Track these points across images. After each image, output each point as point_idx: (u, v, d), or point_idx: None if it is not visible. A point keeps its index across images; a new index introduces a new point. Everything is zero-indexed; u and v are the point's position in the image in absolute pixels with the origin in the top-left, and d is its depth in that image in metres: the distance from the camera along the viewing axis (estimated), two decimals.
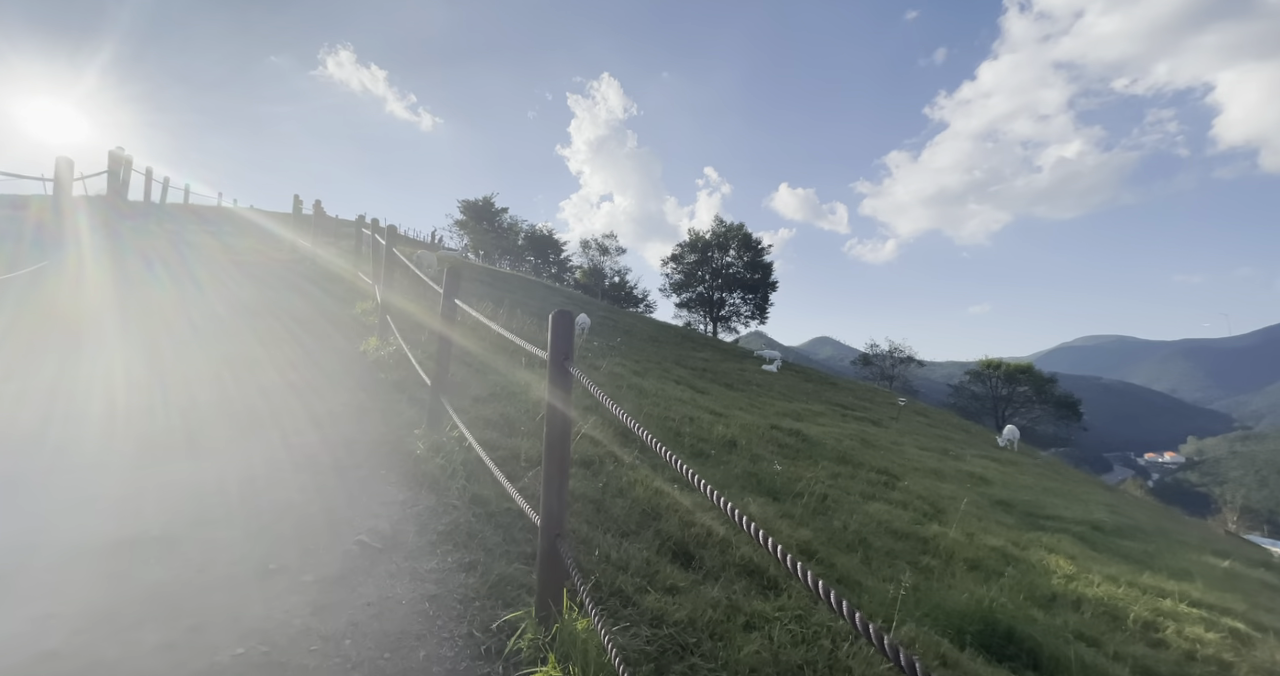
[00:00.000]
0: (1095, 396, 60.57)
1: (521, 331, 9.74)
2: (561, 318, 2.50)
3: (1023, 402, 47.35)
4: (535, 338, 10.20)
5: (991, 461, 13.44)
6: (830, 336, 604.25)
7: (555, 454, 2.42)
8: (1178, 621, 3.95)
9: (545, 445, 2.47)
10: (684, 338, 29.64)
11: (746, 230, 46.13)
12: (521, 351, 8.83)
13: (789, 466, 6.57)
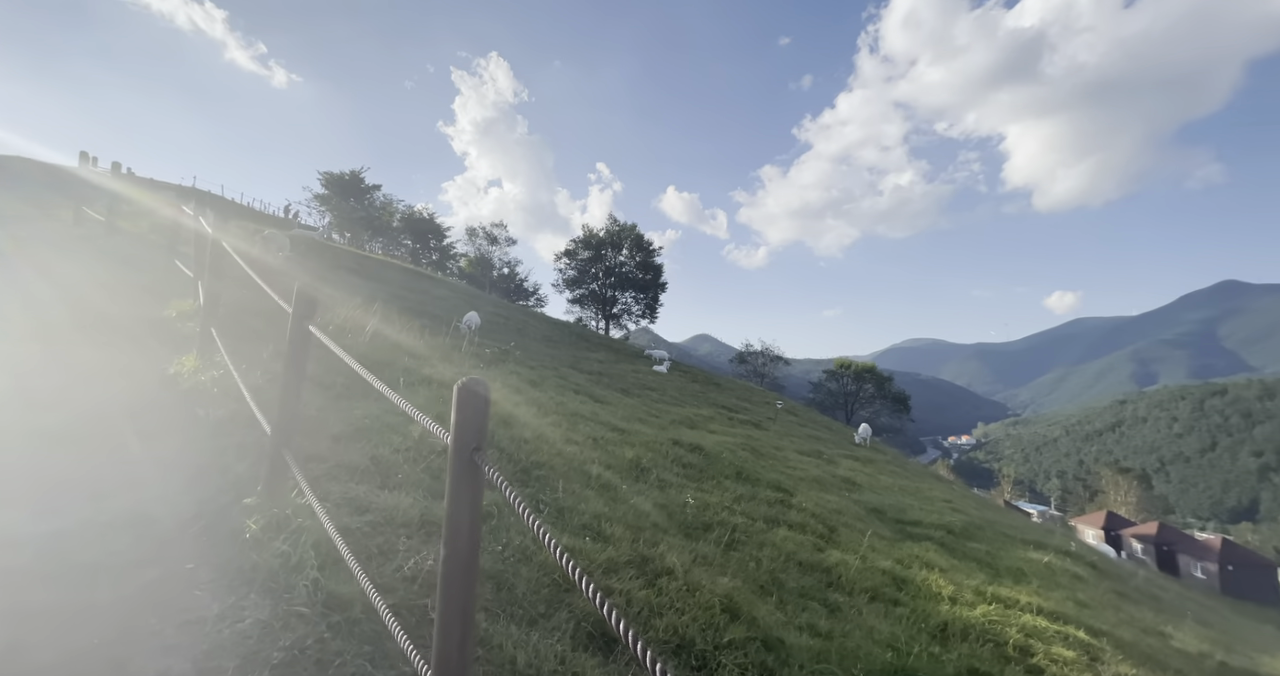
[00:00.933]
0: (916, 390, 72.13)
1: (401, 342, 8.46)
2: (470, 397, 1.79)
3: (867, 398, 53.84)
4: (416, 348, 8.91)
5: (855, 461, 14.67)
6: (710, 334, 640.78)
7: (456, 588, 1.69)
8: (1043, 641, 4.29)
9: (442, 573, 1.73)
10: (578, 337, 28.94)
11: (639, 231, 46.52)
12: (398, 361, 7.59)
13: (696, 492, 6.30)
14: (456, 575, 1.69)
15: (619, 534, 4.37)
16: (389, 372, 6.85)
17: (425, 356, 8.94)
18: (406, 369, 7.40)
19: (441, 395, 6.68)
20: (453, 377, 7.63)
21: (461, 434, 1.77)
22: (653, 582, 3.80)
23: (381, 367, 6.95)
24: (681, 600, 3.65)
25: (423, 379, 7.10)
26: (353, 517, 3.44)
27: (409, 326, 11.31)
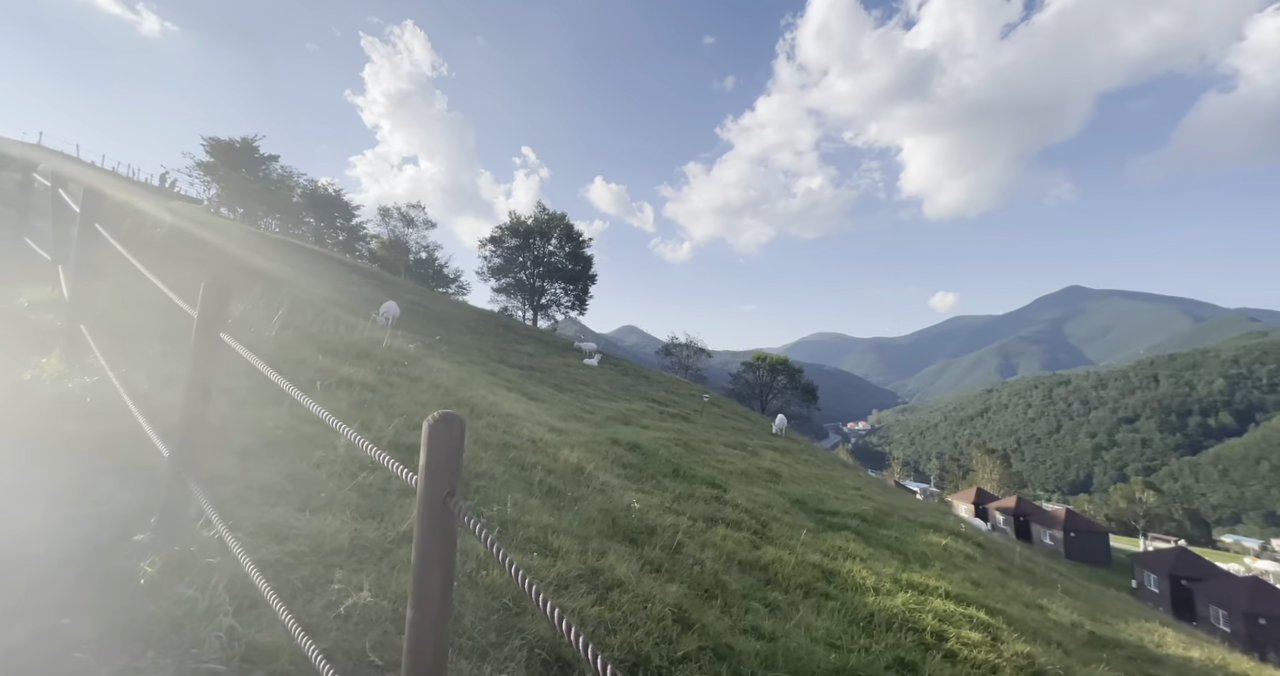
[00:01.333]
0: (820, 380, 78.37)
1: (313, 337, 7.69)
2: (443, 433, 1.57)
3: (780, 389, 56.97)
4: (330, 342, 8.11)
5: (775, 451, 15.43)
6: (636, 325, 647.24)
7: (426, 659, 1.48)
8: (953, 625, 4.73)
9: (409, 640, 1.50)
10: (504, 328, 27.94)
11: (569, 221, 45.58)
12: (311, 359, 6.86)
13: (638, 494, 6.29)
14: (427, 644, 1.49)
15: (567, 546, 4.24)
16: (303, 374, 6.19)
17: (341, 353, 8.18)
18: (322, 369, 6.73)
19: (364, 398, 6.15)
20: (376, 379, 7.07)
21: (434, 477, 1.56)
22: (604, 597, 3.72)
23: (294, 368, 6.28)
24: (634, 613, 3.61)
25: (341, 380, 6.49)
26: (271, 548, 3.03)
27: (320, 317, 10.32)
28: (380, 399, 6.36)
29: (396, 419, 5.76)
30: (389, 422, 5.52)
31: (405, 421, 5.74)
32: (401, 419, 5.78)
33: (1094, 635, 5.61)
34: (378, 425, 5.32)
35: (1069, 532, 50.77)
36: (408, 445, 5.15)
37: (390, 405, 6.21)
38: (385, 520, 3.83)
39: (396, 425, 5.47)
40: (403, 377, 8.08)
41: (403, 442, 5.16)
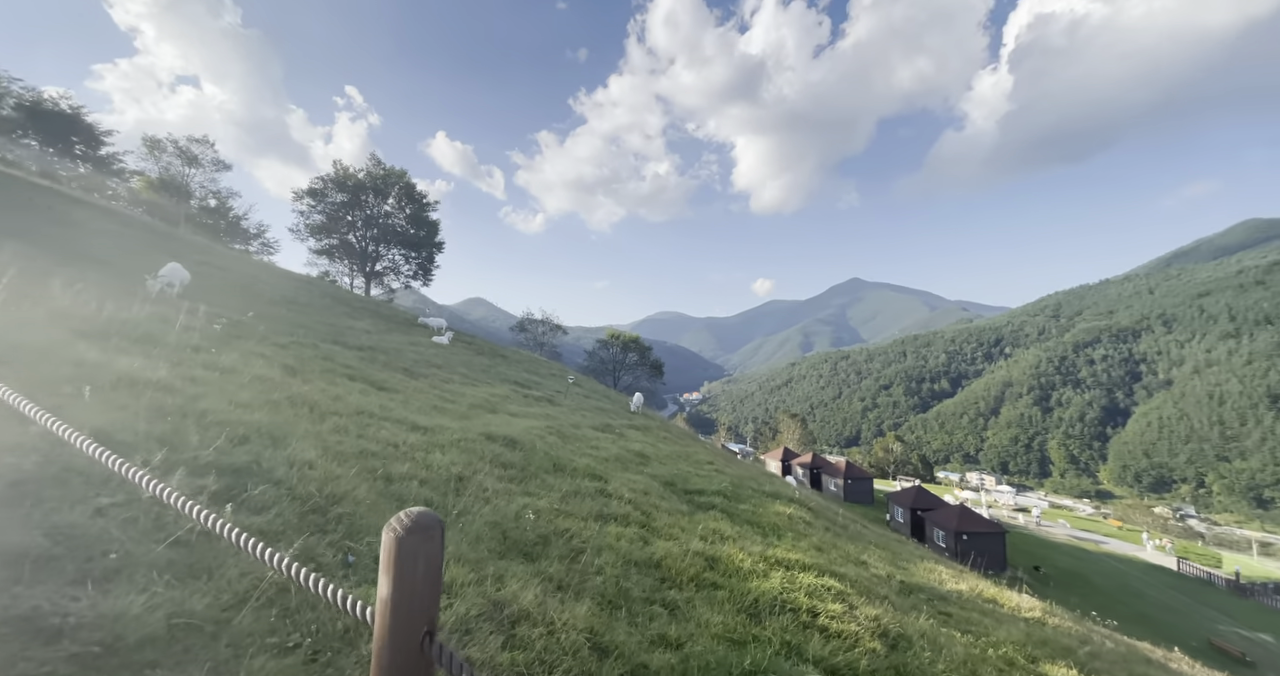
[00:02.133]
0: (663, 355, 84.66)
1: (62, 311, 5.65)
2: (417, 546, 1.08)
3: (631, 365, 59.35)
4: (93, 321, 5.97)
5: (637, 431, 15.93)
6: (484, 298, 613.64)
7: None
8: (819, 600, 5.31)
9: None
10: (333, 299, 23.97)
11: (410, 179, 40.28)
12: (65, 347, 4.94)
13: (524, 497, 5.84)
14: None
15: (461, 577, 3.70)
16: (54, 368, 4.43)
17: (113, 336, 6.10)
18: (83, 361, 4.92)
19: (161, 404, 4.64)
20: (173, 375, 5.42)
21: (405, 612, 1.08)
22: (512, 636, 3.33)
23: (36, 363, 4.47)
24: (548, 650, 3.29)
25: (121, 378, 4.81)
26: (37, 652, 2.04)
27: (67, 280, 7.59)
28: (184, 403, 4.86)
29: (213, 430, 4.44)
30: (204, 437, 4.22)
31: (227, 433, 4.46)
32: (220, 430, 4.47)
33: (903, 583, 6.89)
34: (192, 444, 4.02)
35: (847, 480, 62.24)
36: (236, 467, 4.00)
37: (201, 412, 4.78)
38: (216, 578, 2.91)
39: (216, 440, 4.21)
40: (210, 370, 6.33)
41: (229, 464, 3.99)
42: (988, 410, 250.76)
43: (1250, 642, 30.74)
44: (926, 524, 47.15)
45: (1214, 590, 42.23)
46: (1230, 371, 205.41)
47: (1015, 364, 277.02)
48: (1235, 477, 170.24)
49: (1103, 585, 40.16)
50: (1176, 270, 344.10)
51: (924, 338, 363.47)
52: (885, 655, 4.21)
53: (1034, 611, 7.04)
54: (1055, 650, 5.46)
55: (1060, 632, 6.34)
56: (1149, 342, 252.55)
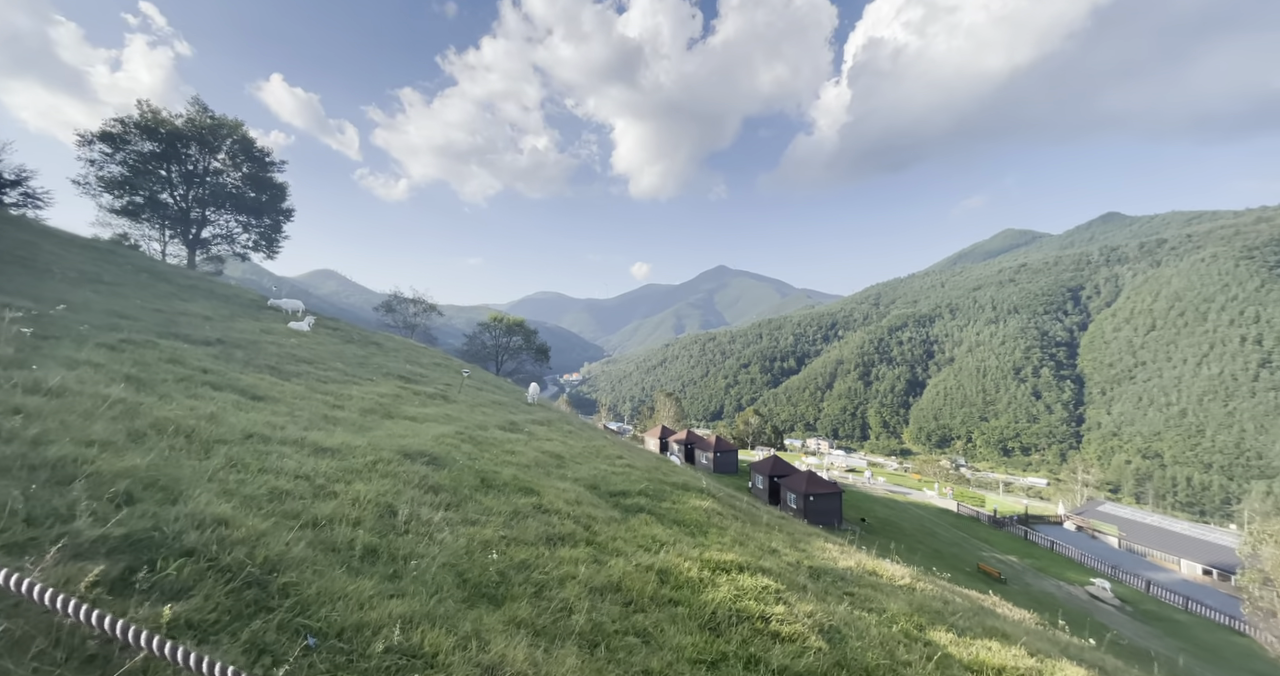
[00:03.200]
0: (544, 337, 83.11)
1: None
2: None
3: (516, 350, 57.22)
4: None
5: (542, 426, 15.50)
6: (334, 270, 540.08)
7: None
8: (763, 603, 5.71)
9: None
10: (150, 275, 19.32)
11: (248, 132, 33.39)
12: None
13: (465, 526, 5.37)
14: None
15: (442, 643, 3.33)
16: None
17: None
18: None
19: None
20: None
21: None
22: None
23: None
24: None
25: None
26: None
27: None
28: (24, 451, 3.61)
29: (81, 487, 3.36)
30: (72, 500, 3.18)
31: (100, 490, 3.41)
32: (90, 486, 3.40)
33: (811, 568, 7.74)
34: (59, 512, 3.00)
35: (716, 453, 67.56)
36: (133, 539, 3.08)
37: (52, 462, 3.58)
38: None
39: (90, 502, 3.19)
40: (36, 394, 4.77)
41: (122, 536, 3.05)
42: (824, 384, 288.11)
43: (1003, 564, 40.07)
44: (781, 488, 53.25)
45: (980, 525, 54.21)
46: (991, 350, 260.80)
47: (846, 344, 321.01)
48: (990, 433, 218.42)
49: (909, 529, 49.18)
50: (959, 268, 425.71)
51: (777, 321, 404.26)
52: (829, 652, 4.71)
53: (905, 579, 8.43)
54: (931, 615, 6.62)
55: (928, 596, 7.72)
56: (940, 327, 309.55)
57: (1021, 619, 9.50)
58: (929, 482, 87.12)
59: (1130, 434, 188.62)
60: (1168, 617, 34.43)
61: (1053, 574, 40.64)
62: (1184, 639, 31.05)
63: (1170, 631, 32.06)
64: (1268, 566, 16.00)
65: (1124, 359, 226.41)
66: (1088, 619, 29.53)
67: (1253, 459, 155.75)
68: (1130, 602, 36.17)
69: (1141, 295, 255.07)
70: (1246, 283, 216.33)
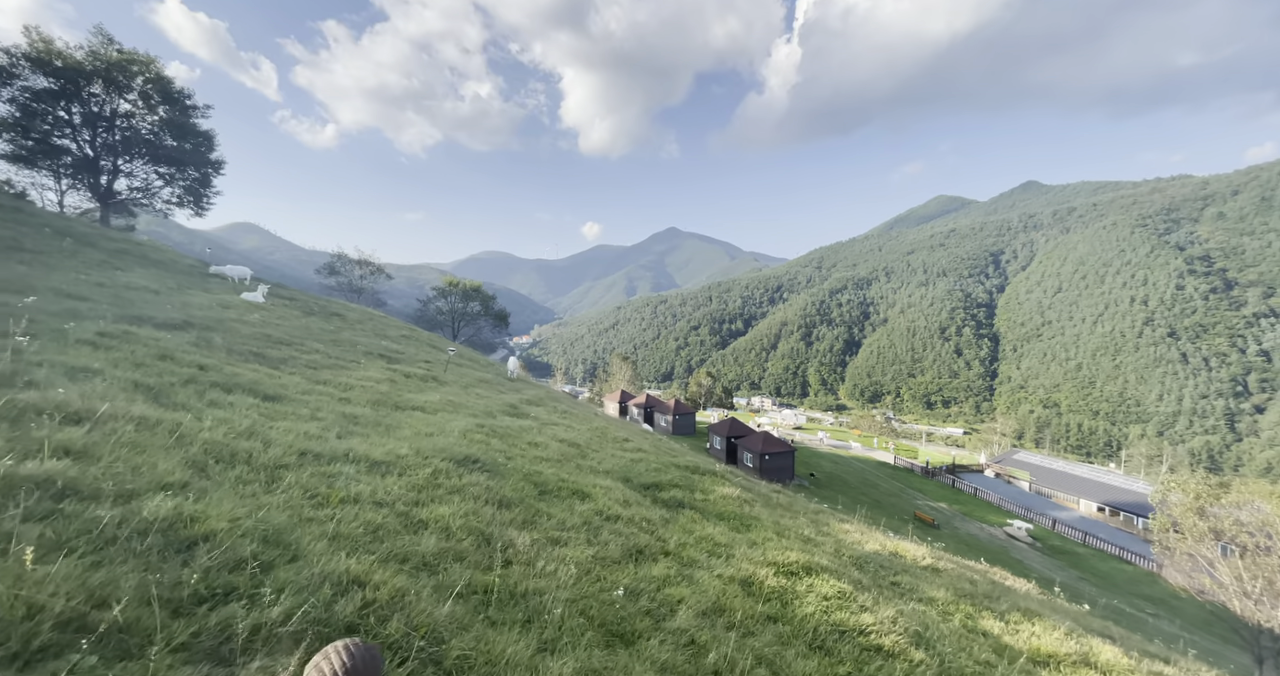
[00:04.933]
0: None
1: None
2: None
3: (473, 316, 55.05)
4: None
5: (539, 408, 15.12)
6: (255, 223, 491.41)
7: None
8: (847, 610, 5.80)
9: None
10: (74, 240, 16.69)
11: (163, 71, 28.62)
12: None
13: (553, 547, 5.14)
14: None
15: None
16: None
17: None
18: None
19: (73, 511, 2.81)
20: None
21: None
22: None
23: None
24: None
25: None
26: None
27: None
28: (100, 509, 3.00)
29: (143, 543, 2.86)
30: (175, 561, 2.69)
31: (162, 547, 2.92)
32: (150, 541, 2.90)
33: (853, 558, 8.12)
34: (184, 580, 2.53)
35: (675, 416, 69.27)
36: (324, 618, 2.66)
37: (145, 520, 3.01)
38: None
39: (209, 563, 2.72)
40: (68, 421, 3.97)
41: (288, 610, 2.63)
42: (769, 345, 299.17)
43: (936, 511, 44.30)
44: (738, 449, 55.64)
45: (914, 475, 59.42)
46: (920, 311, 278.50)
47: (790, 306, 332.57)
48: (916, 389, 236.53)
49: (852, 482, 53.18)
50: (895, 233, 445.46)
51: (726, 284, 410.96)
52: (930, 662, 4.92)
53: (926, 559, 9.06)
54: (971, 601, 7.15)
55: (955, 577, 8.35)
56: (876, 289, 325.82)
57: (1026, 590, 10.51)
58: (867, 437, 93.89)
59: (1035, 386, 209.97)
60: (1070, 551, 39.70)
61: (977, 517, 45.52)
62: (1083, 569, 36.01)
63: (1072, 563, 37.05)
64: (1175, 512, 18.66)
65: (1033, 318, 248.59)
66: (1007, 557, 33.50)
67: (1132, 406, 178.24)
68: (1040, 539, 41.31)
69: (1052, 259, 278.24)
70: (1139, 248, 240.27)
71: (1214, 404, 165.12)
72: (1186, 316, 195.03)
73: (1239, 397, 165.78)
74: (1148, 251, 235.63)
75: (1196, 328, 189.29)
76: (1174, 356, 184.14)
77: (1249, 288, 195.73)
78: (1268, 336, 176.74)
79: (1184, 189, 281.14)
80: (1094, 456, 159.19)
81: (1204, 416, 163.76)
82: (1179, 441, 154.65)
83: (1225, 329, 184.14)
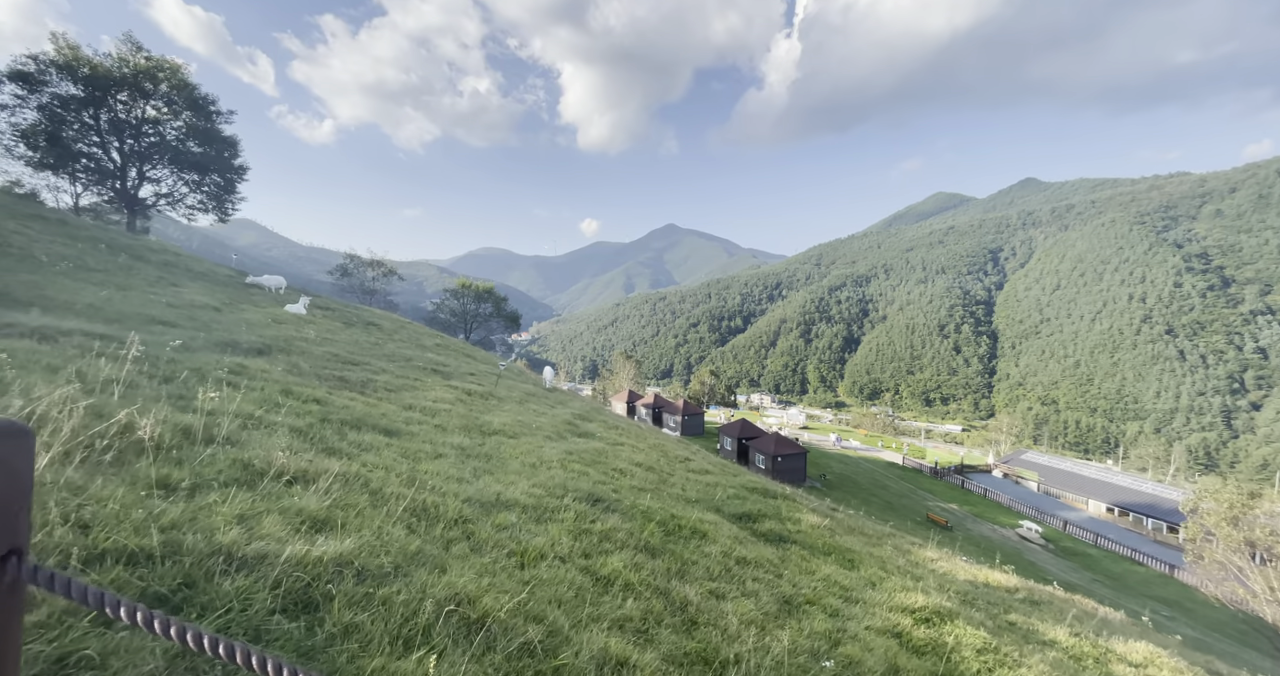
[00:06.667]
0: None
1: None
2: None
3: (485, 318, 55.09)
4: None
5: (592, 423, 15.24)
6: (251, 219, 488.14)
7: None
8: (1009, 667, 5.78)
9: None
10: (129, 255, 16.67)
11: (188, 77, 28.35)
12: None
13: (707, 599, 5.27)
14: None
15: None
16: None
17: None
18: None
19: None
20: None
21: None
22: None
23: None
24: None
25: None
26: None
27: None
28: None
29: (460, 633, 2.97)
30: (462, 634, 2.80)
31: (448, 632, 3.03)
32: (445, 631, 3.01)
33: (956, 591, 8.27)
34: None
35: (684, 417, 69.56)
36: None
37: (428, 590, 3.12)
38: None
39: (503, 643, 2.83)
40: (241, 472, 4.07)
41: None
42: (768, 342, 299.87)
43: (947, 512, 44.75)
44: (750, 450, 55.96)
45: (923, 476, 59.97)
46: (919, 309, 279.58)
47: (789, 304, 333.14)
48: (915, 386, 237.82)
49: (863, 483, 53.60)
50: (894, 230, 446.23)
51: (724, 281, 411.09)
52: None
53: (1016, 588, 9.25)
54: (1092, 643, 7.30)
55: (1055, 611, 8.52)
56: (875, 286, 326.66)
57: (1119, 619, 10.71)
58: (873, 439, 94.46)
59: (1033, 384, 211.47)
60: (1082, 552, 40.25)
61: (988, 519, 46.04)
62: (1097, 571, 36.53)
63: (1085, 565, 37.58)
64: (1209, 521, 18.99)
65: (1032, 315, 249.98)
66: (1022, 559, 33.93)
67: (1130, 403, 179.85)
68: (1053, 541, 41.85)
69: (1050, 257, 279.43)
70: (1137, 245, 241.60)
71: (1211, 401, 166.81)
72: (1184, 314, 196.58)
73: (1236, 395, 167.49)
74: (1146, 249, 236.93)
75: (1194, 325, 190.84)
76: (1171, 353, 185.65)
77: (1246, 285, 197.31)
78: (1265, 333, 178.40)
79: (1182, 186, 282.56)
80: (1092, 453, 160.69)
81: (1201, 413, 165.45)
82: (1176, 438, 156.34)
83: (1223, 326, 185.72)
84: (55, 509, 2.82)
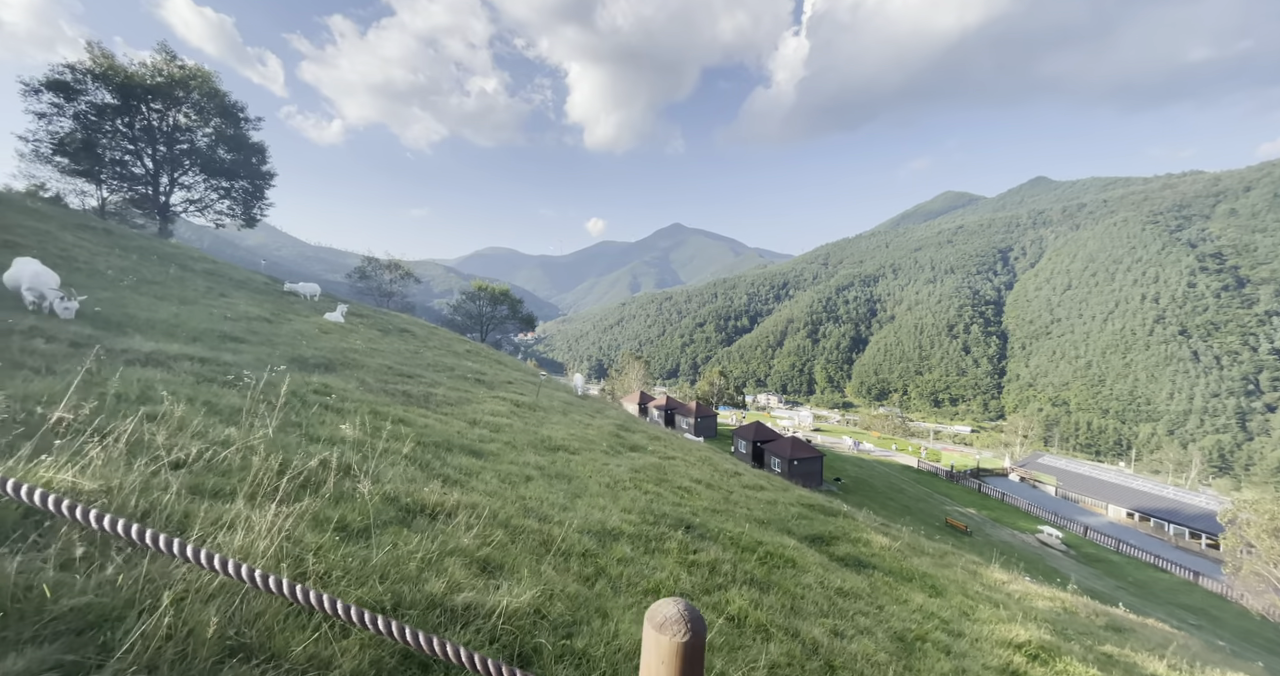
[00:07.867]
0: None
1: None
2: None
3: (502, 320, 55.24)
4: None
5: (636, 435, 15.25)
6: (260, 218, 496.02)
7: None
8: None
9: None
10: (179, 267, 16.81)
11: (218, 85, 28.51)
12: None
13: (851, 646, 5.24)
14: None
15: None
16: None
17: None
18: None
19: None
20: None
21: None
22: None
23: None
24: None
25: None
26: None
27: None
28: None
29: None
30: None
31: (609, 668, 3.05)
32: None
33: (1042, 619, 8.18)
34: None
35: (697, 418, 69.47)
36: None
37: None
38: None
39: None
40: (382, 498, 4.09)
41: None
42: (775, 342, 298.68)
43: (966, 517, 44.46)
44: (765, 454, 55.82)
45: (939, 479, 59.60)
46: (928, 308, 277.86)
47: (796, 303, 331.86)
48: (924, 386, 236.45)
49: (879, 487, 53.32)
50: (903, 229, 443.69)
51: (731, 280, 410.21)
52: None
53: (1096, 615, 9.17)
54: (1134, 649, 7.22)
55: (1142, 639, 8.41)
56: (883, 286, 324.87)
57: (1198, 647, 10.59)
58: (886, 441, 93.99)
59: (1044, 384, 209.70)
60: (1104, 559, 39.85)
61: (1007, 524, 45.67)
62: (1120, 578, 36.15)
63: (1108, 572, 37.19)
64: (1249, 533, 18.75)
65: (1042, 316, 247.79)
66: (1044, 566, 33.65)
67: (1142, 404, 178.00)
68: (1074, 547, 41.47)
69: (1061, 256, 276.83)
70: (1150, 245, 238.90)
71: (1225, 402, 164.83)
72: (1198, 314, 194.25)
73: (1250, 396, 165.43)
74: (1159, 248, 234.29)
75: (1208, 325, 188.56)
76: (1185, 354, 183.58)
77: (1261, 285, 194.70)
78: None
79: (1195, 185, 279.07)
80: (1104, 455, 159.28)
81: (1215, 415, 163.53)
82: (1189, 440, 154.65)
83: (1237, 327, 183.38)
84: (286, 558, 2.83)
